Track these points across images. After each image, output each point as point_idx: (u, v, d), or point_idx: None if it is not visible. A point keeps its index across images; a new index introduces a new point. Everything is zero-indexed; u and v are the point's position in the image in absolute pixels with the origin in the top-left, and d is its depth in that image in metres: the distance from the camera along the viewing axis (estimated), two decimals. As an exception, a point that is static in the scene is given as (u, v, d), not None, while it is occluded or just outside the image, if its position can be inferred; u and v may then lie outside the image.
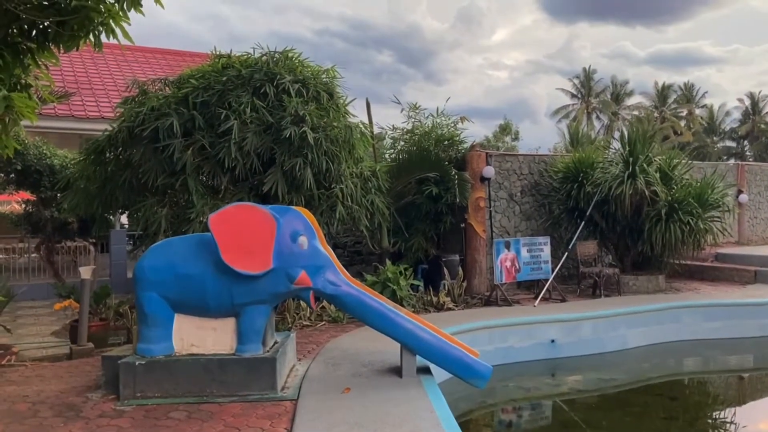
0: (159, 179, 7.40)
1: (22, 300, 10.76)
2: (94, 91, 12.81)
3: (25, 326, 9.28)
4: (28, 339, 8.23)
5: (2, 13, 5.10)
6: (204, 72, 8.13)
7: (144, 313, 5.17)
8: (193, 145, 7.40)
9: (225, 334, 5.23)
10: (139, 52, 15.83)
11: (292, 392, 5.14)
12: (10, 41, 5.75)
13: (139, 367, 5.02)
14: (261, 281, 5.05)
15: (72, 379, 5.74)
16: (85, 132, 10.91)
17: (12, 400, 5.12)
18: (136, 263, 5.30)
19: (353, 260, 11.70)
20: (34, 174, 9.37)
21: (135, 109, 7.72)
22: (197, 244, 5.18)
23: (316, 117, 7.64)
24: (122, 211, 8.38)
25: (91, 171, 7.95)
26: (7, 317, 9.75)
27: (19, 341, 8.02)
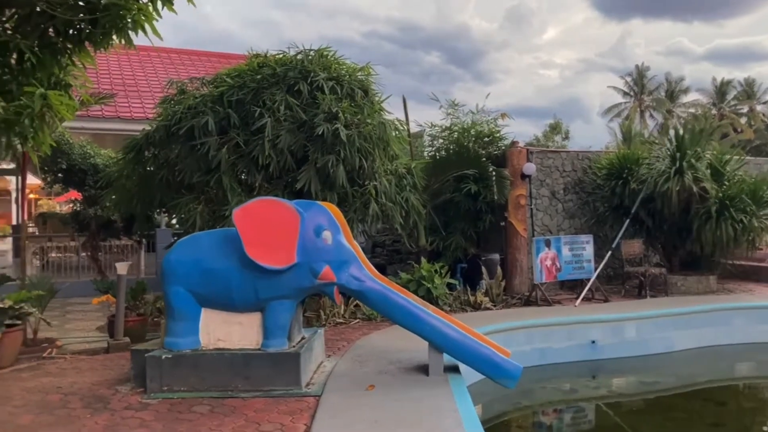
0: (195, 177, 7.51)
1: (72, 296, 11.11)
2: (140, 93, 13.15)
3: (72, 321, 9.55)
4: (73, 333, 8.45)
5: (38, 13, 5.23)
6: (240, 71, 8.21)
7: (171, 307, 5.22)
8: (228, 142, 7.47)
9: (251, 328, 5.23)
10: (185, 55, 16.19)
11: (317, 388, 5.10)
12: (47, 41, 5.91)
13: (165, 361, 5.07)
14: (285, 276, 5.03)
15: (105, 372, 5.85)
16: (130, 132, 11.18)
17: (46, 391, 5.24)
18: (163, 257, 5.37)
19: (392, 259, 11.63)
20: (79, 173, 9.69)
21: (172, 108, 7.86)
22: (223, 238, 5.20)
23: (350, 114, 7.61)
24: (161, 209, 8.53)
25: (130, 169, 8.13)
26: (56, 312, 10.07)
27: (64, 335, 8.24)
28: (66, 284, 9.86)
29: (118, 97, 12.75)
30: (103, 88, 11.71)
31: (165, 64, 15.33)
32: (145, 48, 16.09)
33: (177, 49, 16.44)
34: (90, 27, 5.62)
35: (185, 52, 16.35)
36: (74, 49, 6.11)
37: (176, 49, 16.41)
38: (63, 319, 9.73)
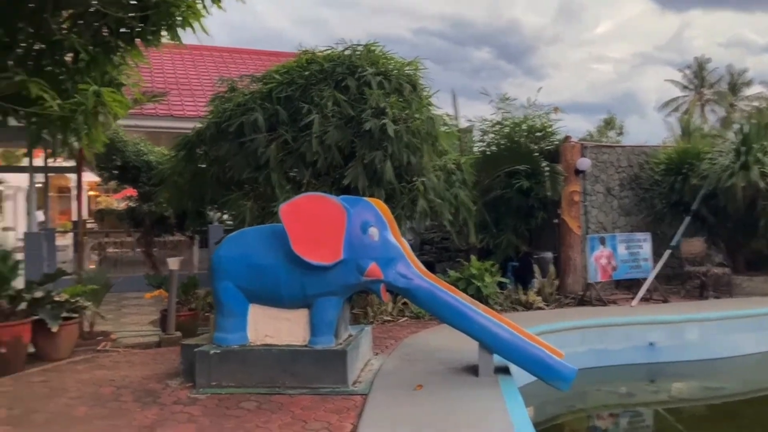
0: (244, 173, 7.55)
1: (127, 290, 11.39)
2: (193, 92, 13.37)
3: (127, 315, 9.78)
4: (128, 327, 8.64)
5: (90, 12, 5.32)
6: (288, 67, 8.21)
7: (219, 303, 5.24)
8: (277, 139, 7.47)
9: (298, 325, 5.20)
10: (237, 54, 16.39)
11: (364, 387, 5.02)
12: (100, 40, 6.01)
13: (213, 356, 5.08)
14: (331, 272, 4.97)
15: (156, 366, 5.92)
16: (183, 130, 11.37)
17: (99, 383, 5.34)
18: (212, 253, 5.38)
19: (441, 256, 11.48)
20: (133, 170, 9.92)
21: (222, 106, 7.93)
22: (270, 234, 5.18)
23: (398, 109, 7.51)
24: (212, 206, 8.63)
25: (182, 167, 8.24)
26: (112, 306, 10.33)
27: (119, 329, 8.43)
28: (121, 279, 10.10)
29: (171, 95, 13.00)
30: (157, 87, 11.94)
31: (217, 63, 15.55)
32: (198, 47, 16.37)
33: (229, 48, 16.66)
34: (141, 25, 5.69)
35: (237, 50, 16.56)
36: (126, 48, 6.21)
37: (229, 48, 16.63)
38: (118, 312, 9.97)
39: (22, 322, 5.87)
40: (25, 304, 6.02)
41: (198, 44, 16.87)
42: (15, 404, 4.73)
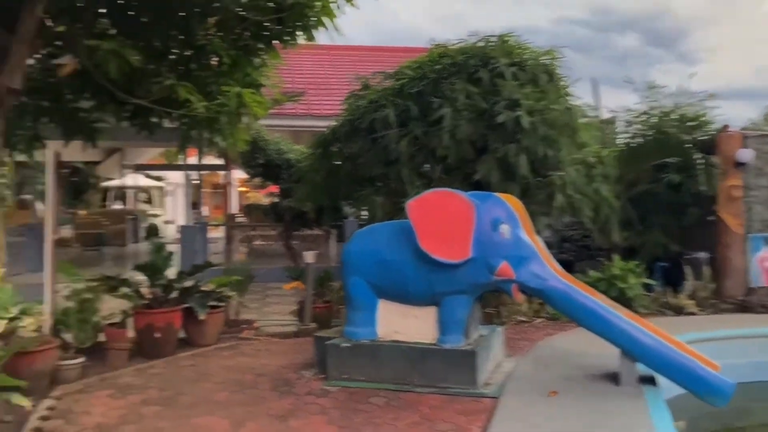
0: (375, 169, 7.62)
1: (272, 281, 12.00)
2: (331, 91, 13.78)
3: (270, 305, 10.29)
4: (270, 316, 9.08)
5: (231, 17, 5.60)
6: (420, 62, 8.18)
7: (349, 297, 5.31)
8: (408, 135, 7.46)
9: (427, 323, 5.14)
10: (374, 52, 16.69)
11: (494, 389, 4.86)
12: (241, 43, 6.32)
13: (344, 350, 5.16)
14: (460, 270, 4.85)
15: (293, 356, 6.14)
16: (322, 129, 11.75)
17: (241, 370, 5.63)
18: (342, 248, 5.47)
19: (581, 255, 10.90)
20: (274, 167, 10.43)
21: (355, 104, 8.06)
22: (399, 230, 5.16)
23: (533, 100, 7.20)
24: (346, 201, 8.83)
25: (318, 163, 8.49)
26: (257, 295, 10.91)
27: (262, 317, 8.89)
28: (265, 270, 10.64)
29: (311, 95, 13.49)
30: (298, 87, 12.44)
31: (355, 62, 15.91)
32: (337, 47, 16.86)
33: (367, 47, 17.02)
34: (278, 27, 5.91)
35: (375, 48, 16.86)
36: (265, 49, 6.48)
37: (366, 47, 16.99)
38: (262, 302, 10.52)
39: (173, 309, 6.34)
40: (177, 293, 6.49)
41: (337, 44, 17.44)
42: (166, 386, 5.10)
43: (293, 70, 14.92)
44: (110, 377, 5.39)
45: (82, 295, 5.85)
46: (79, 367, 5.40)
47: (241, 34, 6.20)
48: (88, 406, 4.57)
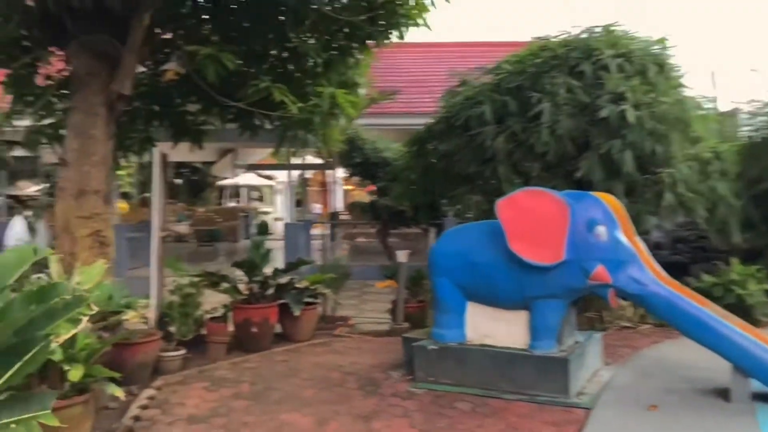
0: (471, 167, 7.45)
1: (371, 278, 12.14)
2: (431, 88, 13.67)
3: (368, 302, 10.39)
4: (367, 313, 9.17)
5: (323, 19, 5.66)
6: (520, 56, 7.92)
7: (437, 299, 5.22)
8: (505, 131, 7.24)
9: (518, 327, 4.95)
10: (476, 47, 16.40)
11: (588, 400, 4.59)
12: (335, 44, 6.39)
13: (431, 352, 5.08)
14: (552, 274, 4.62)
15: (382, 356, 6.13)
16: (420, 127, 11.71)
17: (330, 367, 5.70)
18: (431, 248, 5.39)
19: (695, 257, 10.12)
20: (371, 166, 10.50)
21: (451, 100, 7.93)
22: (488, 230, 5.00)
23: (640, 93, 6.75)
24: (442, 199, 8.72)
25: (413, 162, 8.44)
26: (356, 292, 11.08)
27: (359, 314, 9.00)
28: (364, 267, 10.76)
29: (410, 92, 13.48)
30: (397, 85, 12.46)
31: (456, 58, 15.69)
32: (439, 43, 16.77)
33: (470, 42, 16.75)
34: (369, 26, 5.91)
35: (477, 44, 16.55)
36: (358, 49, 6.52)
37: (469, 43, 16.73)
38: (360, 299, 10.65)
39: (270, 305, 6.54)
40: (273, 289, 6.68)
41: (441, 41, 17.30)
42: (257, 380, 5.26)
43: (393, 67, 14.98)
44: (208, 369, 5.63)
45: (185, 289, 6.15)
46: (180, 358, 5.69)
47: (335, 35, 6.28)
48: (184, 398, 4.79)
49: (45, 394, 2.53)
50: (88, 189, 5.69)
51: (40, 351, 2.27)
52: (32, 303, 2.39)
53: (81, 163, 5.70)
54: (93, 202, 5.71)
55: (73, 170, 5.68)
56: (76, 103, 5.83)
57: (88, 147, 5.75)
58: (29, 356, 2.25)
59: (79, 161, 5.70)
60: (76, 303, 2.59)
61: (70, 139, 5.75)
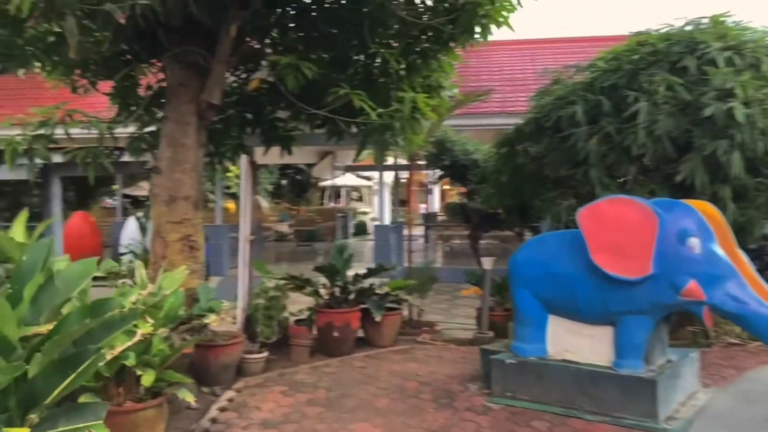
0: (561, 170, 7.12)
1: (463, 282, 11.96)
2: (527, 86, 13.25)
3: (459, 306, 10.21)
4: (456, 319, 9.01)
5: (401, 21, 5.59)
6: (616, 52, 7.48)
7: (517, 311, 5.02)
8: (598, 132, 6.86)
9: (601, 343, 4.65)
10: (575, 43, 15.73)
11: (680, 426, 4.24)
12: (418, 47, 6.31)
13: (509, 366, 4.88)
14: (638, 288, 4.30)
15: (462, 366, 5.99)
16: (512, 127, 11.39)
17: (407, 376, 5.63)
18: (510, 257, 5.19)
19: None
20: (460, 168, 10.30)
21: (541, 100, 7.63)
22: (570, 240, 4.73)
23: (752, 88, 6.17)
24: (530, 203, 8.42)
25: (502, 164, 8.21)
26: (447, 296, 10.96)
27: (448, 320, 8.87)
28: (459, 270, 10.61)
29: (506, 91, 13.14)
30: (491, 84, 12.16)
31: (556, 55, 15.12)
32: (535, 41, 16.25)
33: (566, 39, 16.09)
34: (451, 27, 5.78)
35: (574, 40, 15.87)
36: (441, 51, 6.40)
37: (566, 39, 16.08)
38: (451, 303, 10.49)
39: (351, 310, 6.57)
40: (354, 294, 6.70)
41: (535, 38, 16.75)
42: (334, 387, 5.28)
43: (488, 66, 14.69)
44: (288, 373, 5.73)
45: (270, 292, 6.30)
46: (262, 361, 5.83)
47: (416, 39, 6.20)
48: (261, 401, 4.89)
49: (98, 404, 2.65)
50: (179, 195, 5.97)
51: (92, 363, 2.37)
52: (87, 316, 2.52)
53: (172, 170, 5.99)
54: (183, 207, 5.98)
55: (165, 177, 5.98)
56: (169, 113, 6.13)
57: (180, 155, 6.02)
58: (82, 368, 2.36)
59: (170, 169, 5.99)
60: (132, 316, 2.70)
61: (163, 147, 6.05)
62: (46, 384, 2.35)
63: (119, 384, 3.54)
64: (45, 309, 2.57)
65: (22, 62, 6.29)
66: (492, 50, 15.57)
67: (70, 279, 2.73)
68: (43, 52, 6.02)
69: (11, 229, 4.40)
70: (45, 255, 2.79)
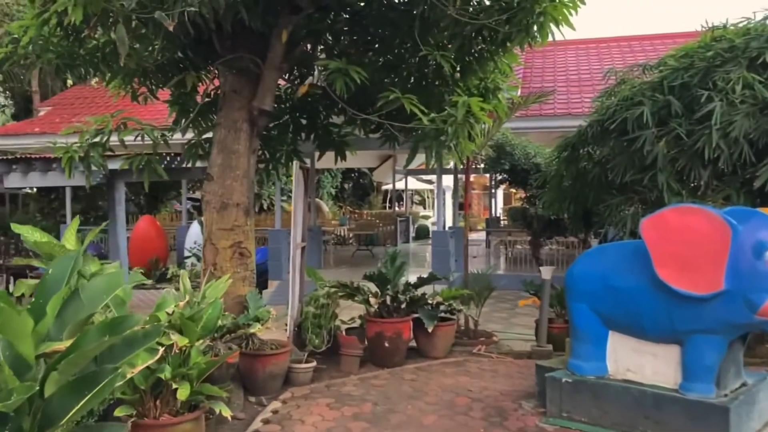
0: (627, 175, 6.72)
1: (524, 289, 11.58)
2: (594, 87, 12.73)
3: (519, 315, 9.86)
4: (516, 329, 8.68)
5: (454, 22, 5.38)
6: (688, 50, 7.01)
7: (574, 326, 4.72)
8: (667, 135, 6.43)
9: (666, 363, 4.30)
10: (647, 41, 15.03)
11: (756, 458, 3.85)
12: (474, 49, 6.08)
13: (565, 385, 4.59)
14: (709, 305, 3.93)
15: (517, 381, 5.71)
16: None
17: (458, 391, 5.40)
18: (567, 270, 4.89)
19: None
20: (521, 172, 9.95)
21: (606, 101, 7.25)
22: (632, 252, 4.40)
23: None
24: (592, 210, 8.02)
25: (564, 168, 7.85)
26: (508, 304, 10.62)
27: (507, 329, 8.57)
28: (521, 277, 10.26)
29: (572, 92, 12.66)
30: (556, 86, 11.75)
31: (625, 54, 14.50)
32: (604, 39, 15.63)
33: (636, 36, 15.39)
34: (507, 27, 5.53)
35: (645, 38, 15.15)
36: (497, 52, 6.15)
37: (638, 36, 15.38)
38: (512, 312, 10.14)
39: (403, 319, 6.39)
40: (405, 303, 6.52)
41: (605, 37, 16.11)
42: (381, 401, 5.11)
43: (553, 67, 14.22)
44: (336, 384, 5.61)
45: (320, 300, 6.20)
46: (310, 371, 5.73)
47: (471, 40, 5.97)
48: (305, 414, 4.78)
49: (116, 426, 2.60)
50: (230, 202, 5.96)
51: (108, 383, 2.30)
52: (106, 333, 2.45)
53: (224, 177, 5.99)
54: (234, 214, 5.97)
55: (216, 184, 5.99)
56: (221, 120, 6.15)
57: (231, 161, 6.02)
58: (98, 388, 2.29)
59: (222, 175, 6.00)
60: (155, 332, 2.62)
61: (215, 154, 6.07)
62: (63, 403, 2.29)
63: (156, 397, 3.51)
64: (69, 323, 2.53)
65: (84, 72, 6.45)
66: (558, 50, 15.11)
67: (96, 293, 2.69)
68: (101, 61, 6.15)
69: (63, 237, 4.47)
70: (71, 267, 2.77)
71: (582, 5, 5.71)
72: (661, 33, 15.39)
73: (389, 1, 5.97)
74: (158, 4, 4.76)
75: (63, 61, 6.02)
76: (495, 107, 6.85)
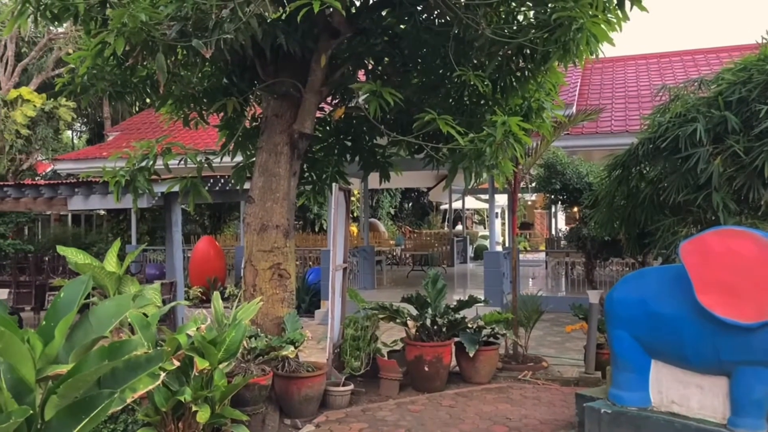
0: (680, 195, 6.42)
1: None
2: (653, 103, 12.29)
3: (574, 339, 9.51)
4: (569, 353, 8.39)
5: (489, 43, 5.31)
6: (746, 63, 6.67)
7: (614, 354, 4.50)
8: (723, 152, 6.11)
9: (714, 396, 4.03)
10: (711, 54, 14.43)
11: (813, 503, 3.53)
12: (514, 68, 5.98)
13: (604, 415, 4.37)
14: (757, 336, 3.67)
15: (559, 410, 5.50)
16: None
17: (496, 419, 5.24)
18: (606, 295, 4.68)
19: None
20: (573, 192, 9.65)
21: (658, 118, 6.97)
22: (674, 277, 4.17)
23: None
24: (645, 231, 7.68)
25: (614, 188, 7.57)
26: (560, 328, 10.28)
27: (560, 354, 8.29)
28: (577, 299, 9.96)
29: (630, 109, 12.27)
30: (611, 102, 11.41)
31: (687, 68, 13.98)
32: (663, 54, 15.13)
33: (698, 50, 14.80)
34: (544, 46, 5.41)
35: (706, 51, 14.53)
36: (537, 71, 6.03)
37: (697, 50, 14.78)
38: (566, 336, 9.81)
39: (443, 343, 6.27)
40: (445, 327, 6.40)
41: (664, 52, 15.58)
42: (415, 427, 5.02)
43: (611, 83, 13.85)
44: (372, 409, 5.54)
45: (360, 322, 6.18)
46: (347, 394, 5.69)
47: (509, 59, 5.88)
48: (337, 439, 4.75)
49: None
50: (270, 224, 6.04)
51: (104, 408, 2.33)
52: (106, 358, 2.50)
53: (265, 199, 6.09)
54: (274, 236, 6.04)
55: (257, 206, 6.09)
56: (263, 143, 6.26)
57: (272, 184, 6.12)
58: (94, 413, 2.32)
59: (263, 197, 6.09)
60: (158, 357, 2.65)
61: (256, 176, 6.18)
62: (62, 427, 2.34)
63: (179, 419, 3.54)
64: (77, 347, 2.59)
65: (136, 98, 6.72)
66: (617, 65, 14.71)
67: (104, 317, 2.76)
68: (150, 88, 6.40)
69: (105, 259, 4.64)
70: (82, 292, 2.85)
71: (626, 21, 5.56)
72: (726, 45, 14.76)
73: (425, 24, 5.96)
74: (201, 32, 4.90)
75: (115, 89, 6.28)
76: (538, 127, 6.70)
